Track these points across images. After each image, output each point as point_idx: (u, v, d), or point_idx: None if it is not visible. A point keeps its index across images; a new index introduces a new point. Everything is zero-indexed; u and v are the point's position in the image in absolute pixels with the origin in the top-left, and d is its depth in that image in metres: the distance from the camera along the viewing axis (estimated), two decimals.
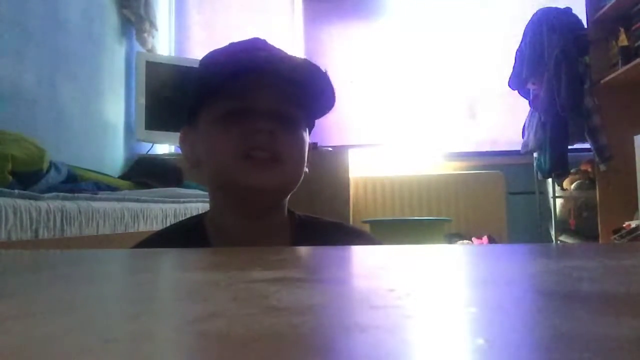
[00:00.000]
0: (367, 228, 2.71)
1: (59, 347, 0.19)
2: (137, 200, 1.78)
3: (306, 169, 0.78)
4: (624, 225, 2.62)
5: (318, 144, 3.05)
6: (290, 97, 0.73)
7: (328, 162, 3.04)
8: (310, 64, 0.73)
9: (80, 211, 1.41)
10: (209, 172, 0.75)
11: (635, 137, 2.55)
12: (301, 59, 0.75)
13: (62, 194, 1.44)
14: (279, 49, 0.76)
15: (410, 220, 3.10)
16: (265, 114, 0.71)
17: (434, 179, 3.40)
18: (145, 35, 3.18)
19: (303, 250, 0.61)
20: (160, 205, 1.90)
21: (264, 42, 0.75)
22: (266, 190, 0.71)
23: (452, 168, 3.52)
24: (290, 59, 0.75)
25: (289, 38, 3.68)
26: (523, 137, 3.21)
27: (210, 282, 0.34)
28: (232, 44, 0.76)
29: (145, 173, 2.31)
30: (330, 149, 3.10)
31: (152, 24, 3.22)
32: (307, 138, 0.77)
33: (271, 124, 0.70)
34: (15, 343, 0.19)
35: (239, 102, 0.71)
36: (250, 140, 0.70)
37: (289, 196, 0.79)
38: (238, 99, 0.72)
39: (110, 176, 2.22)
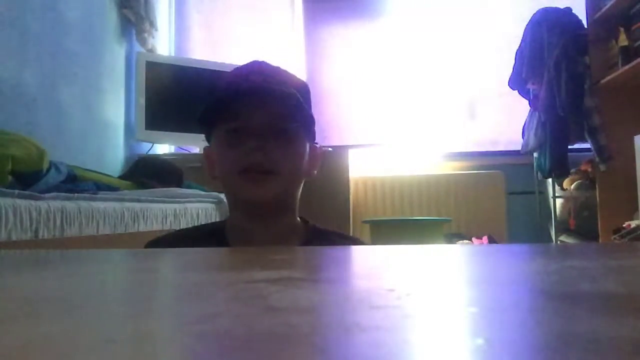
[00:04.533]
0: (367, 228, 2.71)
1: (59, 347, 0.19)
2: (137, 200, 1.78)
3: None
4: (624, 225, 2.62)
5: (320, 145, 3.04)
6: (281, 113, 0.81)
7: (328, 162, 3.03)
8: (299, 84, 0.85)
9: (80, 211, 1.41)
10: (222, 183, 0.86)
11: (635, 137, 2.55)
12: (294, 77, 0.86)
13: (62, 194, 1.44)
14: (275, 69, 0.85)
15: (410, 220, 3.10)
16: (258, 132, 0.80)
17: (434, 179, 3.40)
18: (145, 35, 3.17)
19: (303, 250, 0.61)
20: (160, 205, 1.90)
21: (261, 64, 0.85)
22: (263, 201, 0.81)
23: (452, 168, 3.52)
24: (282, 79, 0.84)
25: (289, 38, 3.68)
26: (523, 137, 3.21)
27: (210, 282, 0.34)
28: (236, 69, 0.86)
29: (145, 173, 2.30)
30: (330, 149, 3.10)
31: (152, 24, 3.22)
32: (307, 147, 0.86)
33: (263, 141, 0.79)
34: (15, 343, 0.19)
35: (234, 122, 0.82)
36: (245, 159, 0.80)
37: (296, 200, 0.87)
38: (233, 119, 0.82)
39: (110, 176, 2.22)
